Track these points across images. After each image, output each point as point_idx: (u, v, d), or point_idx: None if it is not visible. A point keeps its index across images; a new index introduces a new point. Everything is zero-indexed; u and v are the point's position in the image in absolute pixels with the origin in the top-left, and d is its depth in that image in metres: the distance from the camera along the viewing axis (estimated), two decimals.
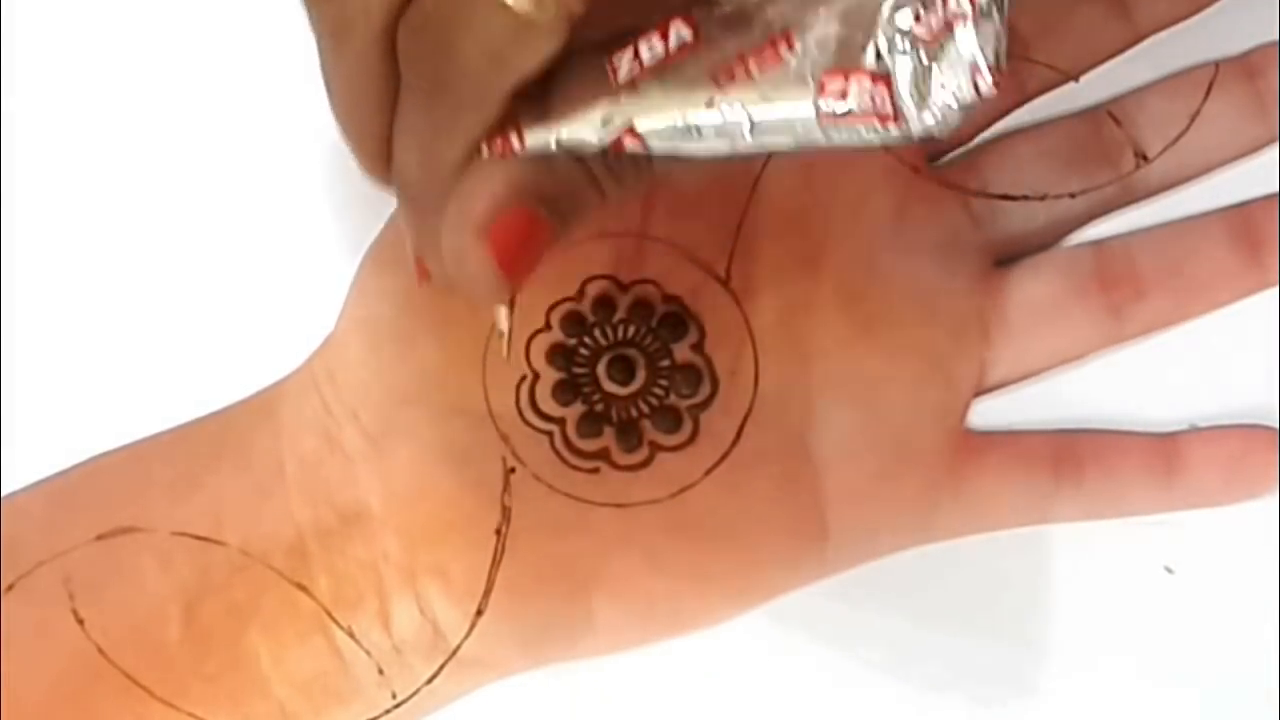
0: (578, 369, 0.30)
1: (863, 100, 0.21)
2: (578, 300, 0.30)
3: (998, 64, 0.21)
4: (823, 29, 0.21)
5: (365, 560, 0.29)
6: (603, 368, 0.30)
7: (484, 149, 0.23)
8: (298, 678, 0.29)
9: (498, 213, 0.23)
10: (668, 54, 0.22)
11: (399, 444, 0.29)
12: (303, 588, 0.29)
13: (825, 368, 0.31)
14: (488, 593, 0.29)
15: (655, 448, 0.30)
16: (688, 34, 0.22)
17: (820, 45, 0.21)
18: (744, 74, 0.21)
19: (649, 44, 0.22)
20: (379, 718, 0.29)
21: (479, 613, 0.29)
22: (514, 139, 0.23)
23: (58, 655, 0.29)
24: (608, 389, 0.30)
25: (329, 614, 0.29)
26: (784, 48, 0.21)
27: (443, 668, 0.29)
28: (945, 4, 0.21)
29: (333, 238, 0.32)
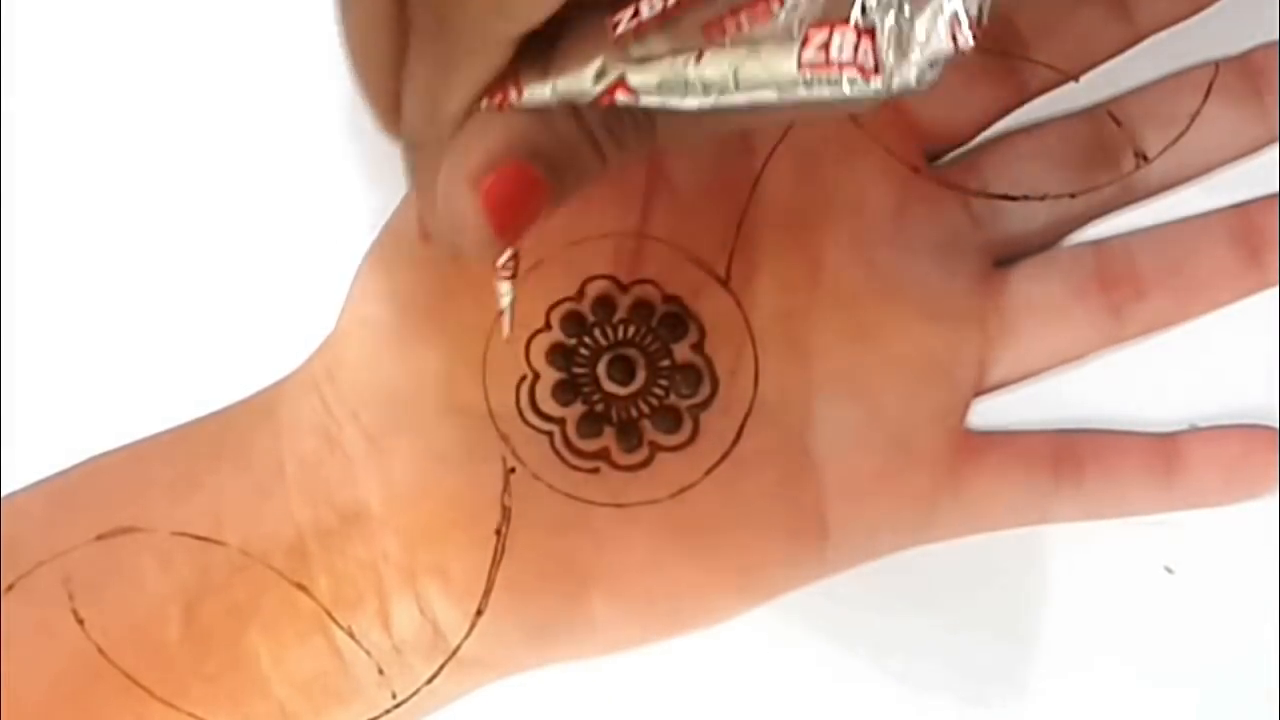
0: (578, 369, 0.30)
1: (846, 52, 0.21)
2: (578, 300, 0.30)
3: (979, 18, 0.21)
4: None
5: (365, 560, 0.29)
6: (603, 368, 0.30)
7: (484, 103, 0.23)
8: (298, 678, 0.29)
9: (493, 166, 0.23)
10: (665, 10, 0.22)
11: (399, 444, 0.29)
12: (303, 588, 0.29)
13: (825, 367, 0.31)
14: (488, 593, 0.29)
15: (655, 448, 0.30)
16: None
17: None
18: (734, 28, 0.22)
19: (650, 1, 0.22)
20: (379, 718, 0.29)
21: (479, 613, 0.29)
22: (513, 93, 0.23)
23: (58, 655, 0.29)
24: (608, 389, 0.30)
25: (329, 614, 0.29)
26: (775, 3, 0.21)
27: (443, 668, 0.29)
28: None
29: (333, 238, 0.32)
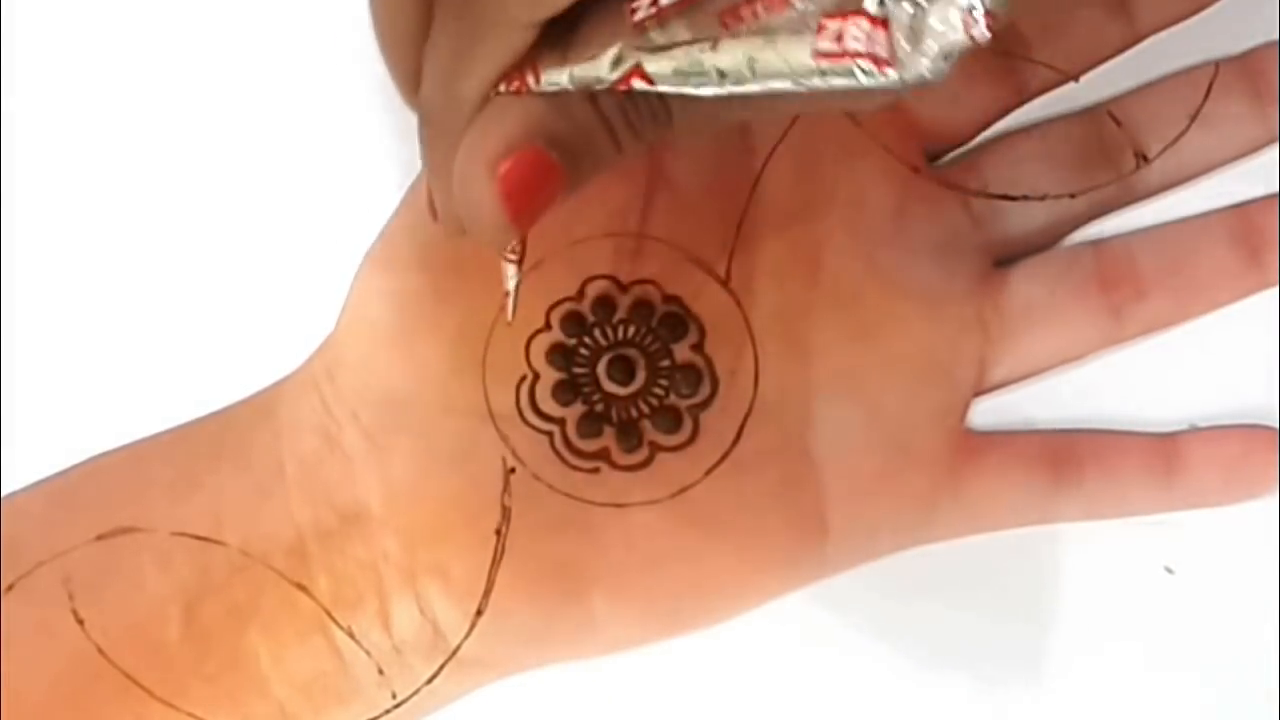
0: (578, 369, 0.30)
1: (860, 42, 0.21)
2: (578, 300, 0.30)
3: (994, 11, 0.21)
4: None
5: (365, 560, 0.29)
6: (603, 368, 0.30)
7: (502, 88, 0.23)
8: (297, 678, 0.29)
9: (510, 150, 0.22)
10: None
11: (399, 444, 0.29)
12: (303, 588, 0.29)
13: (825, 367, 0.31)
14: (488, 593, 0.29)
15: (655, 448, 0.30)
16: None
17: None
18: (751, 16, 0.22)
19: None
20: (379, 718, 0.29)
21: (479, 613, 0.29)
22: (530, 79, 0.23)
23: (58, 655, 0.29)
24: (608, 389, 0.30)
25: (329, 614, 0.29)
26: None
27: (443, 668, 0.29)
28: None
29: (333, 238, 0.32)
